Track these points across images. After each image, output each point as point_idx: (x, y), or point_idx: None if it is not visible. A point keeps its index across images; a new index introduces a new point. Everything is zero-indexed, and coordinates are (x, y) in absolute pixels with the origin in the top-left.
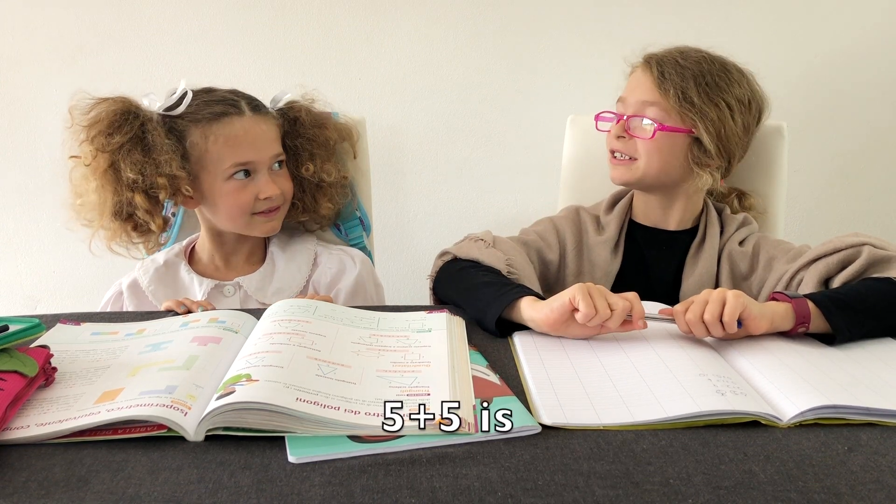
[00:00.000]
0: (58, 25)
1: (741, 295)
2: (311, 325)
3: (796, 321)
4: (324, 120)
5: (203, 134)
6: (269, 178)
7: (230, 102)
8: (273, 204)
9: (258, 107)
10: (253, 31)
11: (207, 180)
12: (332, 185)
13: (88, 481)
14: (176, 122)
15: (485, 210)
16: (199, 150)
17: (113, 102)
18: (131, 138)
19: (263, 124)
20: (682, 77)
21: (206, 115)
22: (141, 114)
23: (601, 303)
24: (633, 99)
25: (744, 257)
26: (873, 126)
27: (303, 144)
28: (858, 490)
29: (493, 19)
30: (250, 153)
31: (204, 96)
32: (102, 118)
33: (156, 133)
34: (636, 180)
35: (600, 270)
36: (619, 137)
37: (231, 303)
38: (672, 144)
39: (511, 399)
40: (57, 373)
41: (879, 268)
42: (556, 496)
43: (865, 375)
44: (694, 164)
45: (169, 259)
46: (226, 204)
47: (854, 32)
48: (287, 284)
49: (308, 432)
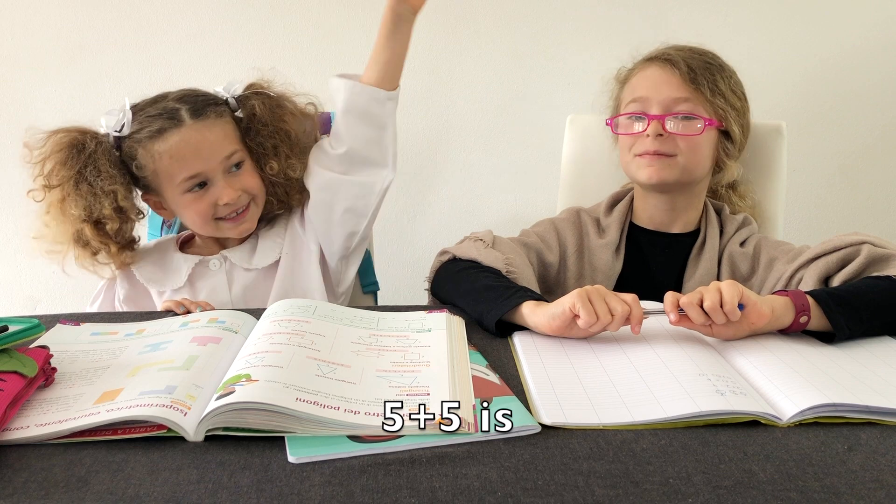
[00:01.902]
0: (57, 25)
1: (735, 283)
2: (310, 325)
3: (796, 311)
4: (282, 109)
5: (148, 153)
6: (226, 183)
7: (169, 115)
8: (234, 207)
9: (201, 111)
10: (252, 31)
11: (168, 195)
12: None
13: (88, 482)
14: (125, 143)
15: (485, 209)
16: (150, 171)
17: (64, 134)
18: (77, 171)
19: (207, 130)
20: (708, 71)
21: (146, 135)
22: (88, 144)
23: (601, 308)
24: (660, 97)
25: (745, 258)
26: (873, 125)
27: (262, 142)
28: (858, 489)
29: (493, 19)
30: (197, 164)
31: (149, 110)
32: (51, 153)
33: (101, 162)
34: (675, 178)
35: (601, 274)
36: (658, 136)
37: (218, 277)
38: (709, 138)
39: (511, 399)
40: (56, 373)
41: (879, 266)
42: (555, 496)
43: (865, 374)
44: (725, 156)
45: (160, 242)
46: (188, 215)
47: (853, 32)
48: (268, 246)
49: (308, 432)
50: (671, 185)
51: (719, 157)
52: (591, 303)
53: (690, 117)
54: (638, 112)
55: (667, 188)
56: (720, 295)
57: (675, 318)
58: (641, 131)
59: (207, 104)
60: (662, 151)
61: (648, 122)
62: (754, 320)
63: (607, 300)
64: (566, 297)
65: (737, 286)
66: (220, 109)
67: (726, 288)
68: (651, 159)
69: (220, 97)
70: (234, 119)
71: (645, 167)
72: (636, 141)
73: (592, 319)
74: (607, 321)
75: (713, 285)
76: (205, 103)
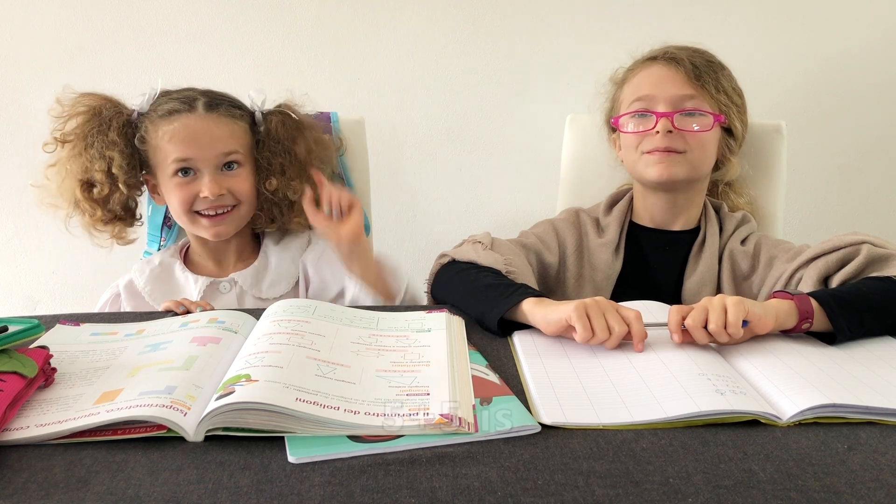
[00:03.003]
0: (57, 25)
1: (741, 301)
2: (310, 325)
3: (800, 318)
4: (300, 133)
5: (153, 129)
6: (213, 178)
7: (185, 100)
8: (214, 204)
9: (216, 106)
10: (252, 31)
11: (160, 176)
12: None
13: (88, 482)
14: (139, 119)
15: (484, 209)
16: (151, 147)
17: (92, 98)
18: (88, 133)
19: (213, 123)
20: (710, 69)
21: (159, 113)
22: (107, 112)
23: (599, 324)
24: (666, 94)
25: (745, 256)
26: (872, 125)
27: (271, 159)
28: (858, 488)
29: (492, 18)
30: (190, 150)
31: (173, 94)
32: (74, 112)
33: (111, 129)
34: (685, 174)
35: (601, 273)
36: (668, 132)
37: (228, 299)
38: (714, 135)
39: (511, 398)
40: (56, 373)
41: (878, 266)
42: (555, 495)
43: (865, 374)
44: (728, 152)
45: (164, 260)
46: (172, 201)
47: (853, 32)
48: (282, 276)
49: (308, 432)
50: (679, 183)
51: (722, 154)
52: (588, 318)
53: (697, 113)
54: (643, 110)
55: (674, 185)
56: (725, 316)
57: (678, 339)
58: (650, 129)
59: (225, 103)
60: (673, 148)
61: (657, 120)
62: (758, 332)
63: (607, 316)
64: (565, 307)
65: (742, 305)
66: (237, 112)
67: (732, 308)
68: (661, 156)
69: (244, 105)
70: (250, 127)
71: (654, 164)
72: (643, 139)
73: (588, 335)
74: (604, 338)
75: (718, 303)
76: (223, 102)
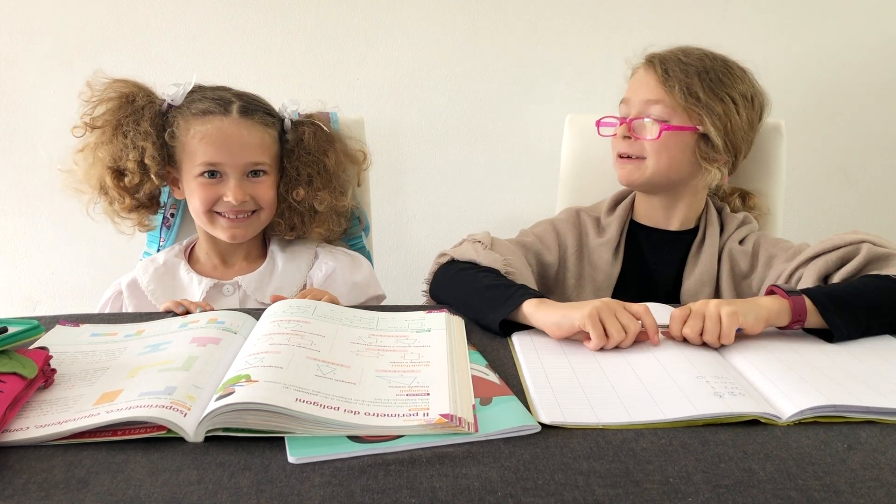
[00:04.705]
0: (57, 25)
1: (735, 314)
2: (310, 326)
3: (792, 318)
4: (330, 146)
5: (186, 127)
6: (238, 184)
7: (221, 102)
8: (236, 209)
9: (251, 112)
10: (251, 32)
11: (185, 173)
12: (326, 213)
13: (88, 483)
14: (171, 112)
15: (484, 209)
16: (181, 143)
17: (124, 84)
18: (120, 120)
19: (246, 130)
20: (686, 73)
21: (193, 111)
22: (140, 100)
23: (614, 326)
24: (636, 99)
25: (744, 256)
26: (872, 124)
27: (300, 168)
28: (858, 488)
29: (491, 19)
30: (220, 155)
31: (207, 92)
32: (106, 97)
33: (143, 119)
34: (644, 180)
35: (601, 273)
36: (625, 138)
37: (230, 302)
38: (679, 142)
39: (510, 398)
40: (56, 374)
41: (878, 265)
42: (555, 495)
43: (864, 373)
44: (702, 159)
45: (168, 259)
46: (193, 200)
47: (853, 31)
48: (286, 284)
49: (308, 433)
50: (644, 187)
51: (697, 161)
52: (602, 323)
53: (649, 121)
54: (614, 116)
55: (642, 189)
56: (720, 327)
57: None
58: (614, 134)
59: (260, 110)
60: (626, 153)
61: (621, 124)
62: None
63: (619, 317)
64: (576, 313)
65: (736, 317)
66: (271, 121)
67: (726, 320)
68: (622, 161)
69: (276, 112)
70: (279, 136)
71: (619, 169)
72: (613, 142)
73: (603, 342)
74: (619, 339)
75: (714, 312)
76: (258, 109)
